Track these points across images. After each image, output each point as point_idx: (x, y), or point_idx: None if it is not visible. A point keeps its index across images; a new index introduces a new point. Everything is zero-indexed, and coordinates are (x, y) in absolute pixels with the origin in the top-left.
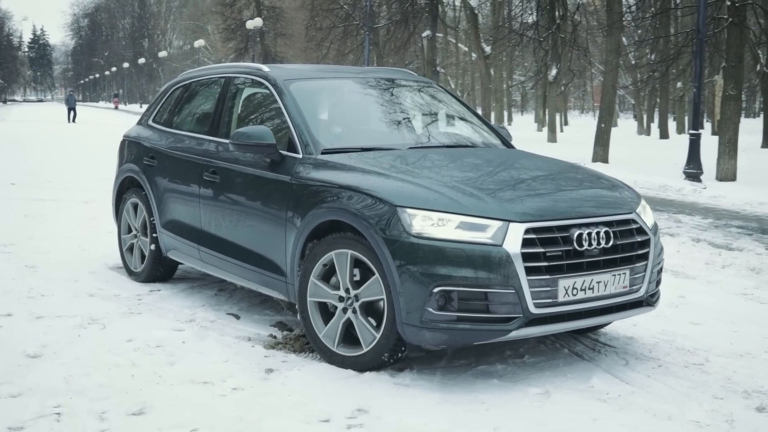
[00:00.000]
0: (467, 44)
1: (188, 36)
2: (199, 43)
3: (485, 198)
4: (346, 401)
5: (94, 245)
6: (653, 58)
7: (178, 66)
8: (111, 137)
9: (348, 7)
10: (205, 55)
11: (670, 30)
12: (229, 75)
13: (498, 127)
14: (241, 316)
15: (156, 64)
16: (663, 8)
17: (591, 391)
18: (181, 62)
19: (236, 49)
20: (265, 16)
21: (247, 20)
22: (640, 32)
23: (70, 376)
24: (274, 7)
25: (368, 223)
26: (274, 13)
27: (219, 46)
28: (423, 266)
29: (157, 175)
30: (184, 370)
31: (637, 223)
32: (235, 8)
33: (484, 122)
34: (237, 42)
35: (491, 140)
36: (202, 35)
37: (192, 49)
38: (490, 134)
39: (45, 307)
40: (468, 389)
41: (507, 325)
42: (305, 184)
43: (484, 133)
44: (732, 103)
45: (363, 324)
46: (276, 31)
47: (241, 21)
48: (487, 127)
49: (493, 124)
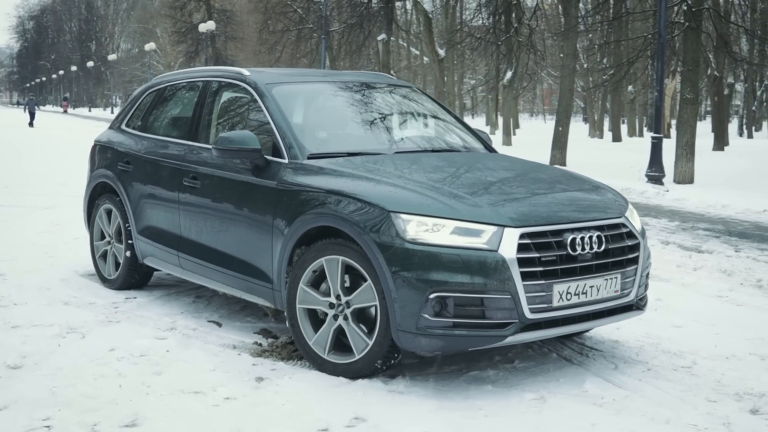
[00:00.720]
0: (419, 47)
1: (136, 39)
2: (149, 46)
3: (479, 203)
4: (342, 410)
5: (62, 252)
6: (607, 62)
7: (126, 69)
8: (66, 142)
9: (301, 10)
10: (154, 58)
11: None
12: (206, 79)
13: (479, 131)
14: (223, 324)
15: (104, 68)
16: (623, 13)
17: (585, 395)
18: (129, 65)
19: (186, 53)
20: (216, 18)
21: (197, 23)
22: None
23: (55, 387)
24: (224, 10)
25: (361, 228)
26: (224, 16)
27: (169, 50)
28: (418, 272)
29: (132, 181)
30: (172, 380)
31: (626, 227)
32: (185, 11)
33: (465, 126)
34: (188, 45)
35: (473, 144)
36: (151, 38)
37: (141, 53)
38: (472, 138)
39: (19, 317)
40: (463, 395)
41: (503, 330)
42: (292, 190)
43: (467, 137)
44: (689, 106)
45: (355, 331)
46: (227, 34)
47: (192, 24)
48: (468, 131)
49: (474, 128)
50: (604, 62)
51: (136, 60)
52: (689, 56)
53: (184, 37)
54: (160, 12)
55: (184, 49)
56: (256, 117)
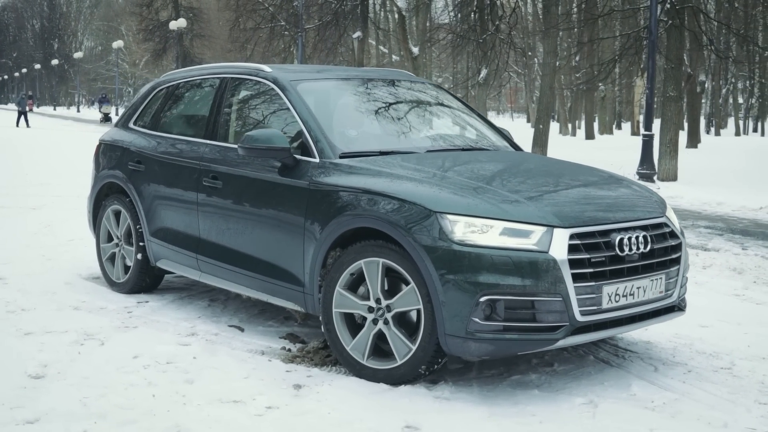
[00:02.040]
0: (387, 45)
1: (100, 37)
2: (117, 44)
3: (525, 203)
4: (391, 418)
5: (59, 254)
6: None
7: (91, 68)
8: (40, 140)
9: (273, 8)
10: (118, 56)
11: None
12: (224, 76)
13: (503, 130)
14: (245, 329)
15: (68, 66)
16: (607, 11)
17: (634, 399)
18: (94, 64)
19: (154, 50)
20: (183, 16)
21: (164, 21)
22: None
23: (85, 398)
24: (192, 8)
25: (404, 230)
26: (192, 13)
27: (134, 48)
28: (468, 275)
29: (145, 181)
30: (206, 389)
31: (669, 227)
32: (152, 9)
33: (490, 124)
34: (155, 43)
35: (500, 142)
36: (116, 36)
37: (105, 51)
38: (497, 136)
39: (30, 323)
40: (512, 401)
41: (554, 334)
42: (325, 190)
43: (492, 135)
44: (672, 104)
45: (396, 335)
46: (194, 32)
47: (159, 22)
48: (493, 129)
49: (498, 127)
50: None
51: (101, 58)
52: (672, 54)
53: (151, 35)
54: (126, 9)
55: (151, 47)
56: (280, 115)
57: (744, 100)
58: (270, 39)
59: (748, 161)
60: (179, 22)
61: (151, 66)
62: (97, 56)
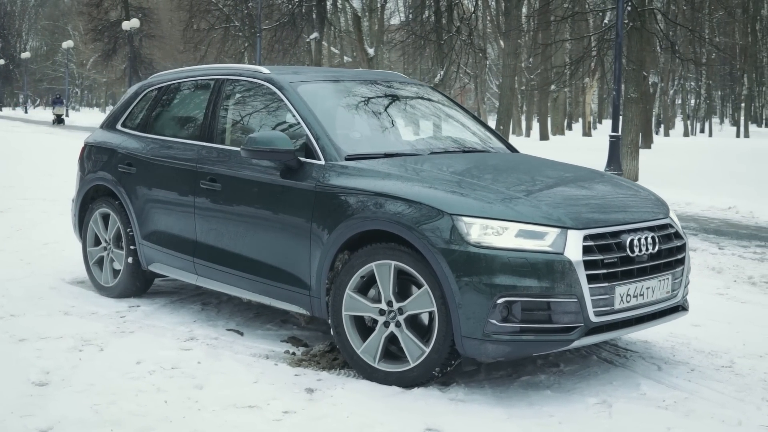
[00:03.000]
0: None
1: (46, 37)
2: (67, 44)
3: (538, 205)
4: (411, 421)
5: (37, 258)
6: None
7: (37, 68)
8: None
9: (227, 9)
10: (65, 56)
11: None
12: (219, 77)
13: (496, 131)
14: (244, 332)
15: (13, 66)
16: (570, 14)
17: (645, 398)
18: (40, 64)
19: (104, 51)
20: (133, 16)
21: (114, 21)
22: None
23: (95, 405)
24: (142, 8)
25: (419, 232)
26: (142, 13)
27: (81, 48)
28: (485, 277)
29: (136, 184)
30: (218, 394)
31: (673, 228)
32: (101, 8)
33: (485, 126)
34: (104, 43)
35: (497, 145)
36: (62, 36)
37: (51, 51)
38: (495, 139)
39: (22, 329)
40: (526, 402)
41: (569, 335)
42: (333, 192)
43: (490, 137)
44: (633, 105)
45: (409, 338)
46: (145, 32)
47: (109, 22)
48: (489, 131)
49: (492, 128)
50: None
51: (47, 58)
52: (634, 56)
53: (100, 35)
54: (73, 9)
55: (100, 47)
56: (280, 116)
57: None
58: (224, 40)
59: (703, 161)
60: (132, 23)
61: (100, 66)
62: (42, 56)
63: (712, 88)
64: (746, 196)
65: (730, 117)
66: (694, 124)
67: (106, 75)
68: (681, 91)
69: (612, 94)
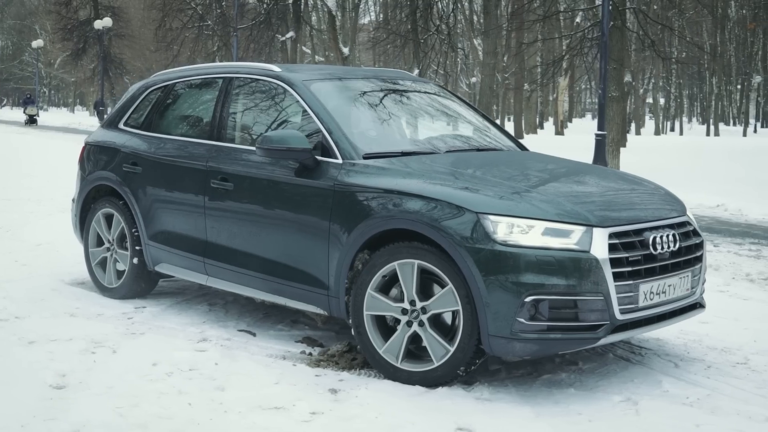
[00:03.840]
0: (308, 45)
1: (13, 36)
2: (37, 43)
3: (563, 203)
4: (441, 420)
5: (32, 259)
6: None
7: (3, 67)
8: None
9: (201, 8)
10: (32, 55)
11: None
12: (228, 75)
13: (505, 130)
14: (256, 333)
15: None
16: (553, 12)
17: (669, 396)
18: (6, 63)
19: (74, 50)
20: (103, 15)
21: (83, 20)
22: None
23: (118, 408)
24: (112, 7)
25: (445, 231)
26: (112, 12)
27: (49, 47)
28: (513, 275)
29: (142, 184)
30: (241, 395)
31: (691, 225)
32: (71, 7)
33: (494, 124)
34: (74, 42)
35: (508, 143)
36: (29, 36)
37: (17, 50)
38: (505, 137)
39: (29, 331)
40: (552, 400)
41: (596, 332)
42: (352, 191)
43: (501, 135)
44: (614, 104)
45: (433, 337)
46: (115, 31)
47: (78, 21)
48: (499, 129)
49: (501, 127)
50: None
51: (14, 58)
52: (614, 54)
53: (70, 35)
54: (40, 8)
55: (70, 47)
56: (293, 115)
57: (663, 100)
58: (197, 40)
59: (682, 159)
60: (104, 22)
61: (69, 66)
62: (9, 56)
63: (682, 87)
64: (732, 194)
65: (698, 116)
66: (664, 122)
67: (74, 75)
68: (652, 90)
69: (598, 93)
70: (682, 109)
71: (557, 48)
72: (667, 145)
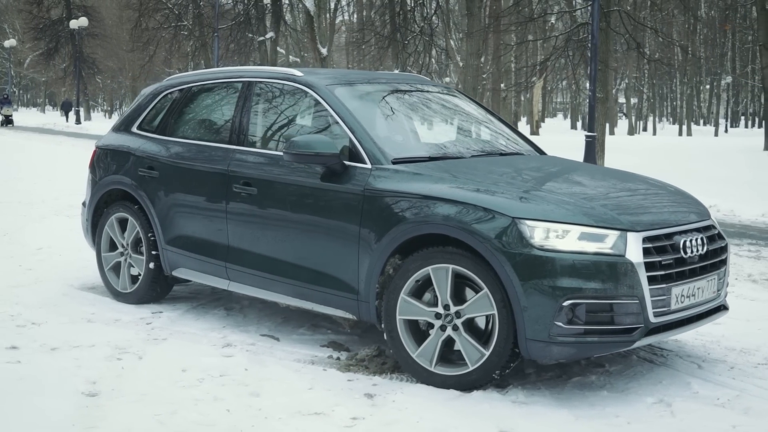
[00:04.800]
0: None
1: None
2: (9, 42)
3: (595, 207)
4: (483, 425)
5: (36, 264)
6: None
7: None
8: None
9: (177, 8)
10: (2, 55)
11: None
12: (247, 79)
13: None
14: (280, 338)
15: None
16: (541, 14)
17: (700, 397)
18: None
19: (46, 50)
20: (76, 15)
21: (55, 19)
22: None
23: (157, 415)
24: (84, 6)
25: (482, 237)
26: (84, 11)
27: (19, 46)
28: (551, 280)
29: (159, 188)
30: (278, 401)
31: (716, 229)
32: (42, 6)
33: (512, 128)
34: (46, 42)
35: (527, 147)
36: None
37: None
38: (523, 141)
39: (50, 337)
40: (587, 403)
41: (631, 335)
42: (384, 196)
43: (519, 139)
44: (599, 105)
45: (468, 341)
46: (87, 30)
47: (50, 20)
48: (516, 133)
49: (518, 130)
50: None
51: None
52: (600, 56)
53: (42, 34)
54: (10, 7)
55: (41, 46)
56: (317, 119)
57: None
58: (174, 40)
59: (660, 160)
60: (80, 21)
61: (40, 66)
62: None
63: (654, 87)
64: (722, 195)
65: (668, 116)
66: (637, 123)
67: (45, 74)
68: (625, 90)
69: (588, 94)
70: (654, 109)
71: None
72: (644, 146)
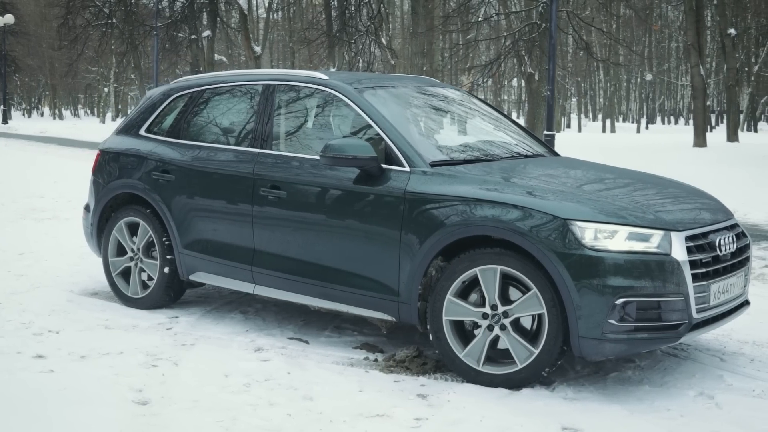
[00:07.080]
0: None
1: None
2: None
3: (639, 208)
4: (545, 422)
5: (25, 269)
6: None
7: None
8: None
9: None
10: None
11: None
12: (269, 83)
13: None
14: (309, 341)
15: None
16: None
17: (736, 389)
18: None
19: None
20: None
21: None
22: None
23: (219, 422)
24: (4, 2)
25: (534, 238)
26: (3, 8)
27: None
28: (604, 279)
29: (176, 192)
30: (335, 404)
31: (740, 228)
32: None
33: (525, 130)
34: None
35: (543, 149)
36: None
37: None
38: (538, 143)
39: (74, 345)
40: (635, 397)
41: (677, 331)
42: (426, 200)
43: (534, 141)
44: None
45: (516, 340)
46: (8, 28)
47: None
48: (530, 135)
49: (531, 132)
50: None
51: None
52: (547, 55)
53: None
54: None
55: None
56: (346, 123)
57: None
58: (103, 39)
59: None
60: (6, 18)
61: None
62: None
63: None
64: None
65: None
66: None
67: None
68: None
69: (546, 94)
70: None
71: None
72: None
